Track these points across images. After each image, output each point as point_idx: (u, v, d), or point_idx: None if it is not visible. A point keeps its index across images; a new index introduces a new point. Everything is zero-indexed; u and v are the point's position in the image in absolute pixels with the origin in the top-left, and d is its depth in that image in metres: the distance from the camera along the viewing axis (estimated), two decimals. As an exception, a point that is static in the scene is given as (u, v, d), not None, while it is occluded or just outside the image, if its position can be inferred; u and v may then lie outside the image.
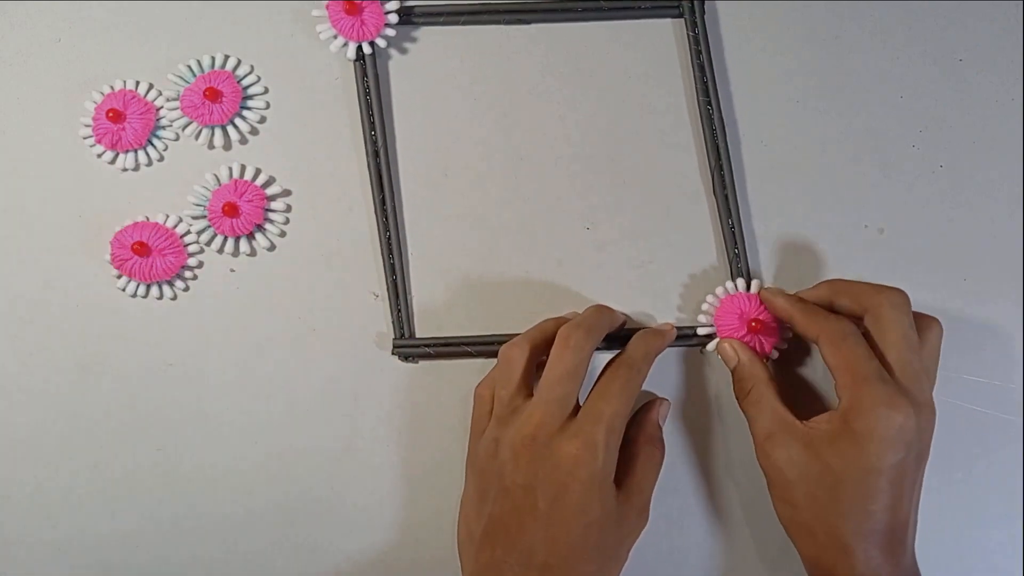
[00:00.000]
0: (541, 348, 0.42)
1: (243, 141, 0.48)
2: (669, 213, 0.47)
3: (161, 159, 0.48)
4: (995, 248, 0.47)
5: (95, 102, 0.47)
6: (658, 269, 0.47)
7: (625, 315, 0.46)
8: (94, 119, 0.47)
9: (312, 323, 0.47)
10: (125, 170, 0.48)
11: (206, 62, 0.48)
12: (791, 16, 0.49)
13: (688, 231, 0.47)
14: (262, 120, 0.48)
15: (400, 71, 0.48)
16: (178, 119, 0.48)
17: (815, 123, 0.48)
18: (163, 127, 0.48)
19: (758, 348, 0.44)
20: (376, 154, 0.47)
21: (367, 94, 0.47)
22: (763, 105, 0.48)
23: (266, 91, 0.48)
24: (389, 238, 0.46)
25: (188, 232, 0.47)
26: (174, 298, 0.47)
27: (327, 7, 0.46)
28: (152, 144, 0.48)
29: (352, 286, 0.47)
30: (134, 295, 0.47)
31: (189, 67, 0.48)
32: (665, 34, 0.48)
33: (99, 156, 0.47)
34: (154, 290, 0.47)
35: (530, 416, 0.39)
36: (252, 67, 0.48)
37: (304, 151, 0.48)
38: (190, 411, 0.46)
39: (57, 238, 0.47)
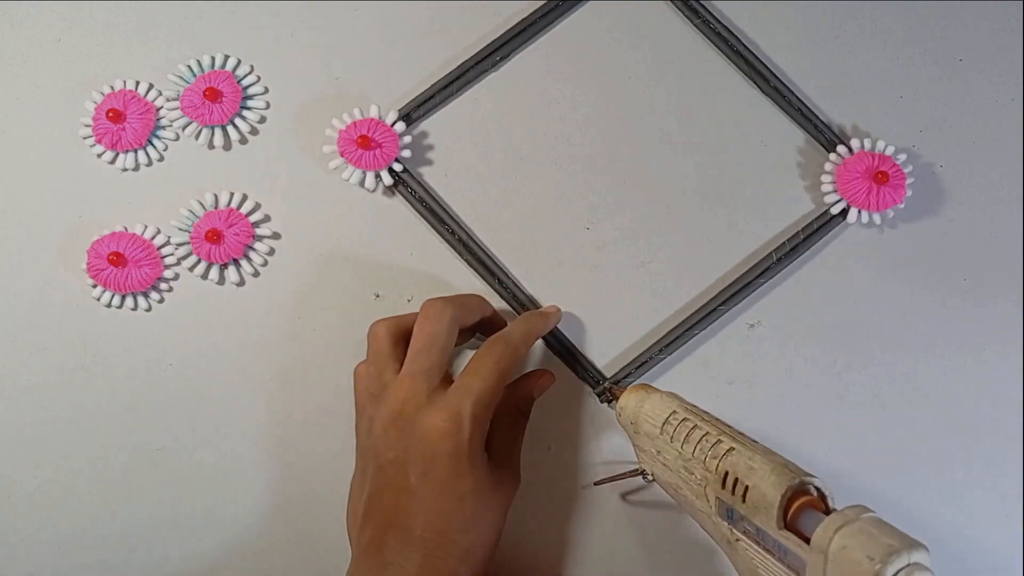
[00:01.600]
0: (409, 324, 0.42)
1: (243, 141, 0.48)
2: (669, 213, 0.47)
3: (161, 159, 0.48)
4: (995, 248, 0.47)
5: (95, 102, 0.47)
6: (658, 269, 0.47)
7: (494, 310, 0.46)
8: (94, 119, 0.47)
9: (312, 323, 0.47)
10: (125, 170, 0.48)
11: (206, 62, 0.48)
12: (791, 16, 0.49)
13: (688, 231, 0.47)
14: (262, 120, 0.48)
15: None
16: (178, 119, 0.48)
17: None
18: (163, 127, 0.48)
19: (886, 200, 0.45)
20: (466, 245, 0.46)
21: (424, 203, 0.46)
22: (763, 105, 0.48)
23: (266, 91, 0.48)
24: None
25: (167, 243, 0.47)
26: (175, 297, 0.47)
27: (341, 155, 0.46)
28: (152, 144, 0.48)
29: (353, 286, 0.47)
30: (134, 295, 0.47)
31: (189, 67, 0.48)
32: (663, 24, 0.49)
33: (99, 156, 0.47)
34: (153, 292, 0.47)
35: (396, 390, 0.40)
36: (252, 67, 0.48)
37: (305, 149, 0.48)
38: (190, 411, 0.46)
39: (57, 238, 0.47)
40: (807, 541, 0.30)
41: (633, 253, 0.47)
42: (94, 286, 0.46)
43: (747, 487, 0.32)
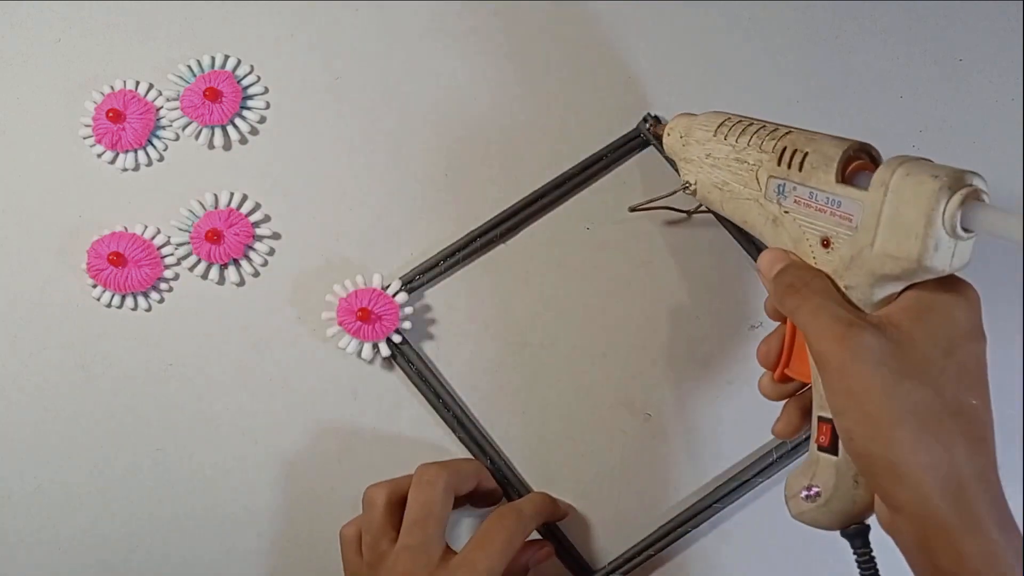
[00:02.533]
0: (405, 489, 0.41)
1: (243, 141, 0.48)
2: (669, 212, 0.47)
3: (161, 159, 0.48)
4: (995, 248, 0.47)
5: (95, 102, 0.47)
6: (658, 269, 0.47)
7: (497, 487, 0.45)
8: (94, 119, 0.47)
9: (312, 323, 0.47)
10: (125, 170, 0.48)
11: (206, 62, 0.48)
12: (791, 16, 0.49)
13: (688, 231, 0.47)
14: (262, 120, 0.48)
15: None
16: (178, 119, 0.48)
17: (815, 123, 0.48)
18: (163, 127, 0.48)
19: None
20: (460, 423, 0.46)
21: (421, 376, 0.46)
22: (763, 105, 0.48)
23: (266, 91, 0.48)
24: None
25: (167, 243, 0.47)
26: (175, 297, 0.47)
27: (340, 324, 0.45)
28: (152, 144, 0.48)
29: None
30: (134, 295, 0.47)
31: (189, 67, 0.48)
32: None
33: (99, 156, 0.47)
34: (153, 292, 0.47)
35: (394, 565, 0.39)
36: (252, 67, 0.48)
37: (305, 150, 0.48)
38: (190, 411, 0.46)
39: (57, 238, 0.47)
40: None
41: (633, 253, 0.47)
42: (94, 286, 0.46)
43: (806, 154, 0.35)
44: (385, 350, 0.45)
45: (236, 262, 0.47)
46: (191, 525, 0.46)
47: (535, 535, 0.45)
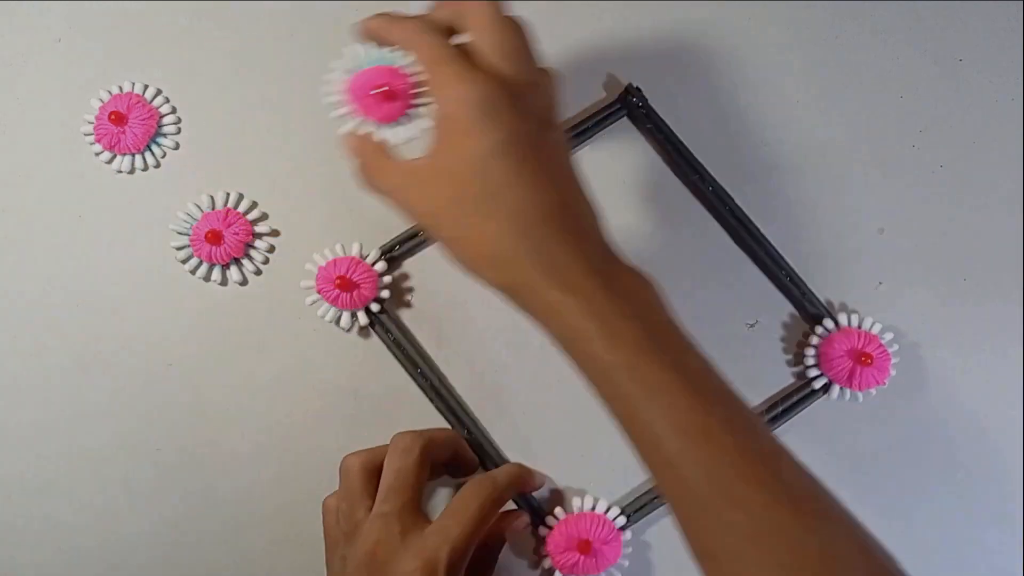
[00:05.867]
0: (381, 458, 0.41)
1: (243, 141, 0.48)
2: (669, 213, 0.47)
3: (158, 166, 0.48)
4: (995, 248, 0.47)
5: (101, 100, 0.47)
6: (659, 270, 0.47)
7: (474, 458, 0.45)
8: (96, 119, 0.47)
9: (312, 323, 0.47)
10: (121, 172, 0.48)
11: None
12: (791, 16, 0.49)
13: (689, 231, 0.47)
14: (262, 120, 0.48)
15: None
16: (175, 123, 0.48)
17: (815, 123, 0.48)
18: (164, 135, 0.48)
19: (869, 380, 0.44)
20: (437, 392, 0.46)
21: (398, 345, 0.46)
22: (763, 105, 0.48)
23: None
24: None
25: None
26: (175, 297, 0.47)
27: (319, 292, 0.45)
28: (150, 150, 0.48)
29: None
30: (133, 293, 0.47)
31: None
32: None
33: (97, 155, 0.47)
34: (154, 289, 0.47)
35: (369, 532, 0.39)
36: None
37: (305, 150, 0.48)
38: (190, 411, 0.46)
39: (57, 238, 0.47)
40: None
41: (633, 254, 0.47)
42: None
43: None
44: (363, 319, 0.46)
45: (238, 261, 0.47)
46: (190, 526, 0.46)
47: (512, 506, 0.45)
